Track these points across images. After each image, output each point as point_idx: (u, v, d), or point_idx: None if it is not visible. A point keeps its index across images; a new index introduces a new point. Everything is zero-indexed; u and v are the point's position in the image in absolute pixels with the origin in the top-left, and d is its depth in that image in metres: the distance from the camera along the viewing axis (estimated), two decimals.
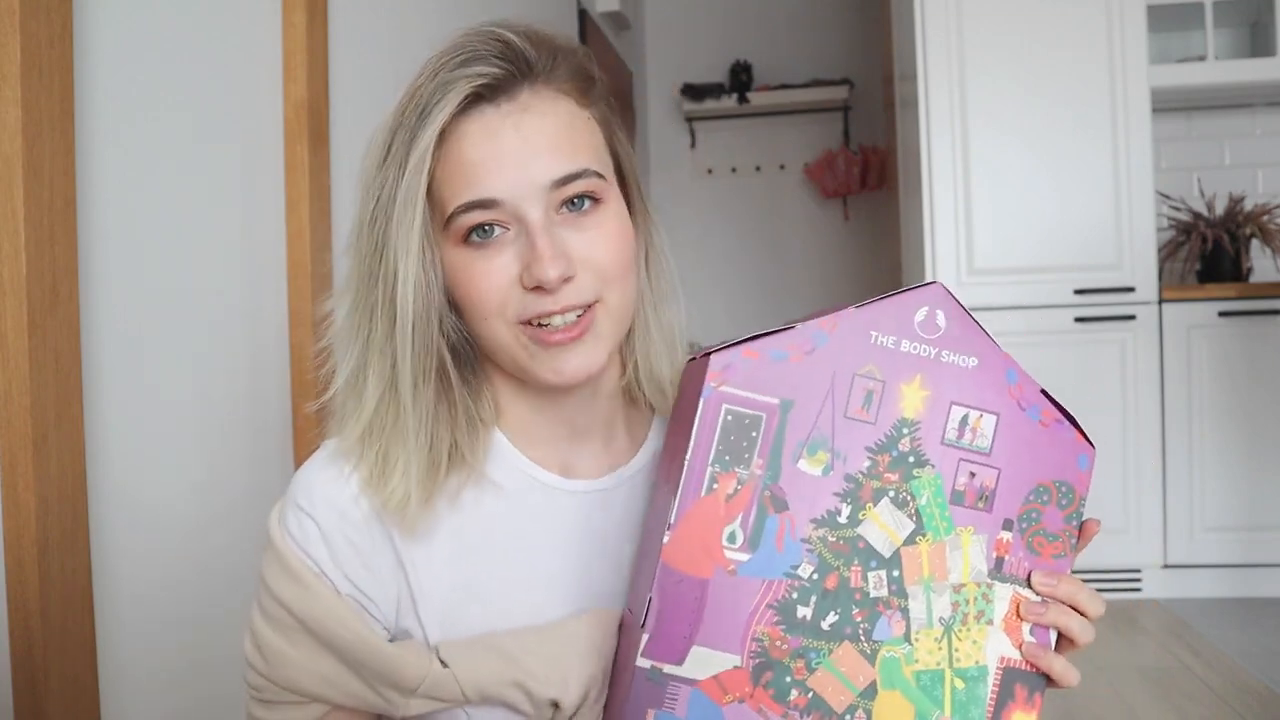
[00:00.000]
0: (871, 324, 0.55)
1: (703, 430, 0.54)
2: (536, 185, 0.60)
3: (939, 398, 0.56)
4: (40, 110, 0.89)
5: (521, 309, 0.61)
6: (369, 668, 0.62)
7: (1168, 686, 2.01)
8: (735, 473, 0.54)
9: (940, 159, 2.69)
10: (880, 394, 0.55)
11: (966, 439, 0.56)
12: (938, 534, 0.56)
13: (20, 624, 0.89)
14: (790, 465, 0.54)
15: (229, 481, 1.22)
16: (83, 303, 0.96)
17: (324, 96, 1.40)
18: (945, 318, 0.56)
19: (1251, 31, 3.02)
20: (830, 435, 0.55)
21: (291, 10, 1.35)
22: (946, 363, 0.56)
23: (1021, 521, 0.56)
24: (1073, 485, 0.57)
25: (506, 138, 0.60)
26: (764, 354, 0.55)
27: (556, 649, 0.63)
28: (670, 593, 0.54)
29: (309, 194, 1.36)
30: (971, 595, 0.56)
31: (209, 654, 1.14)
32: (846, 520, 0.55)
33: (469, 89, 0.60)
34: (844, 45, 4.07)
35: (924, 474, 0.56)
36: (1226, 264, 2.81)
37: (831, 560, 0.55)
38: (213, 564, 1.17)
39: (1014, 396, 0.56)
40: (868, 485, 0.55)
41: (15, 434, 0.88)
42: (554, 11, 2.88)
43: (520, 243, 0.61)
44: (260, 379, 1.30)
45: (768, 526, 0.54)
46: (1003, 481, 0.56)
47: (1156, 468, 2.62)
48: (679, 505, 0.54)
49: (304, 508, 0.64)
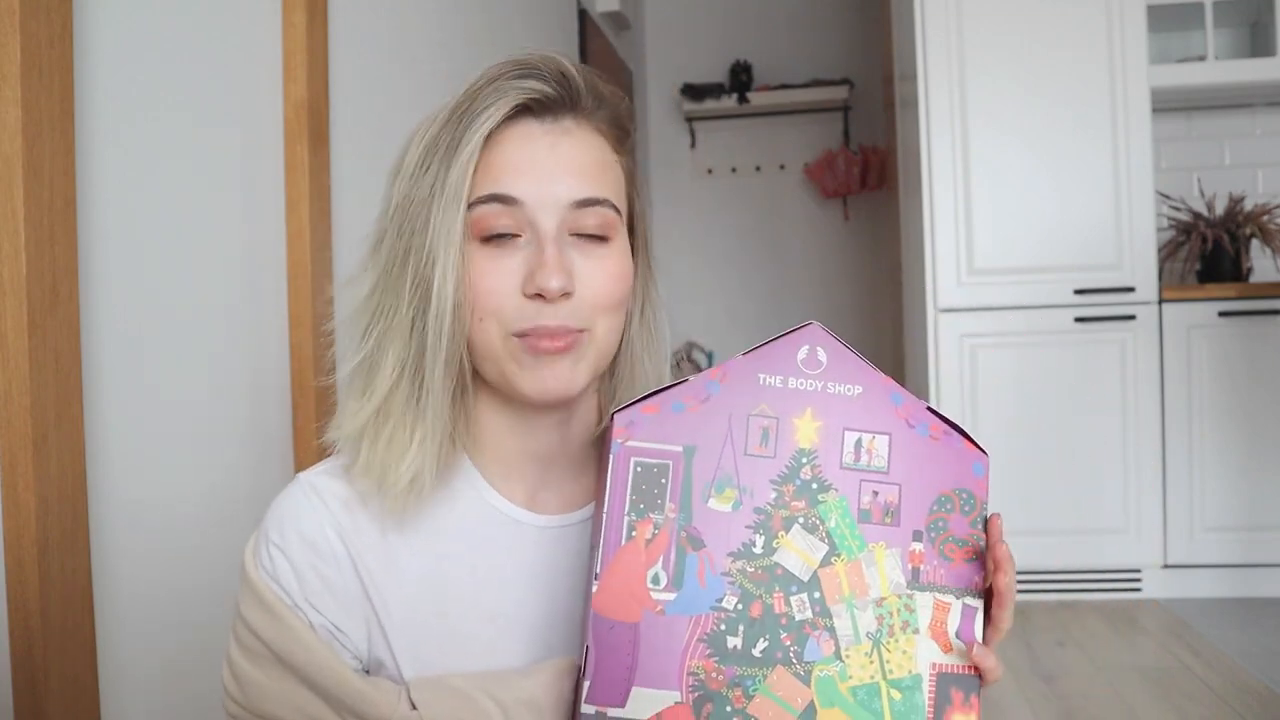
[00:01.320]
0: (758, 367, 0.59)
1: (615, 483, 0.58)
2: (559, 200, 0.63)
3: (831, 426, 0.59)
4: (40, 110, 0.89)
5: (519, 316, 0.62)
6: (341, 702, 0.63)
7: (1168, 686, 2.01)
8: (651, 518, 0.57)
9: (940, 159, 2.69)
10: (775, 429, 0.59)
11: (864, 460, 0.59)
12: (851, 553, 0.58)
13: (20, 624, 0.89)
14: (701, 505, 0.58)
15: (229, 481, 1.22)
16: (83, 303, 0.96)
17: (324, 96, 1.40)
18: (825, 353, 0.60)
19: (1251, 31, 3.02)
20: (735, 473, 0.58)
21: (291, 10, 1.35)
22: (833, 393, 0.60)
23: (930, 531, 0.59)
24: (972, 491, 0.60)
25: (541, 149, 0.63)
26: (663, 407, 0.59)
27: (526, 697, 0.63)
28: (605, 639, 0.56)
29: (309, 194, 1.36)
30: (894, 607, 0.58)
31: (209, 654, 1.14)
32: (762, 550, 0.58)
33: (521, 99, 0.63)
34: (844, 45, 4.07)
35: (829, 498, 0.59)
36: (1226, 264, 2.81)
37: (753, 590, 0.57)
38: (212, 563, 1.17)
39: (902, 416, 0.60)
40: (777, 515, 0.58)
41: (15, 434, 0.88)
42: (554, 11, 2.88)
43: (530, 251, 0.63)
44: (260, 378, 1.30)
45: (688, 565, 0.57)
46: (905, 496, 0.59)
47: (1156, 468, 2.62)
48: (602, 556, 0.57)
49: (275, 540, 0.65)
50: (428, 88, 1.87)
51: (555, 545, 0.69)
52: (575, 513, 0.70)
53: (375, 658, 0.67)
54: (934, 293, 2.70)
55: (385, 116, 1.65)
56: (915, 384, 2.95)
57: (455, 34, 2.04)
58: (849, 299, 4.09)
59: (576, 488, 0.72)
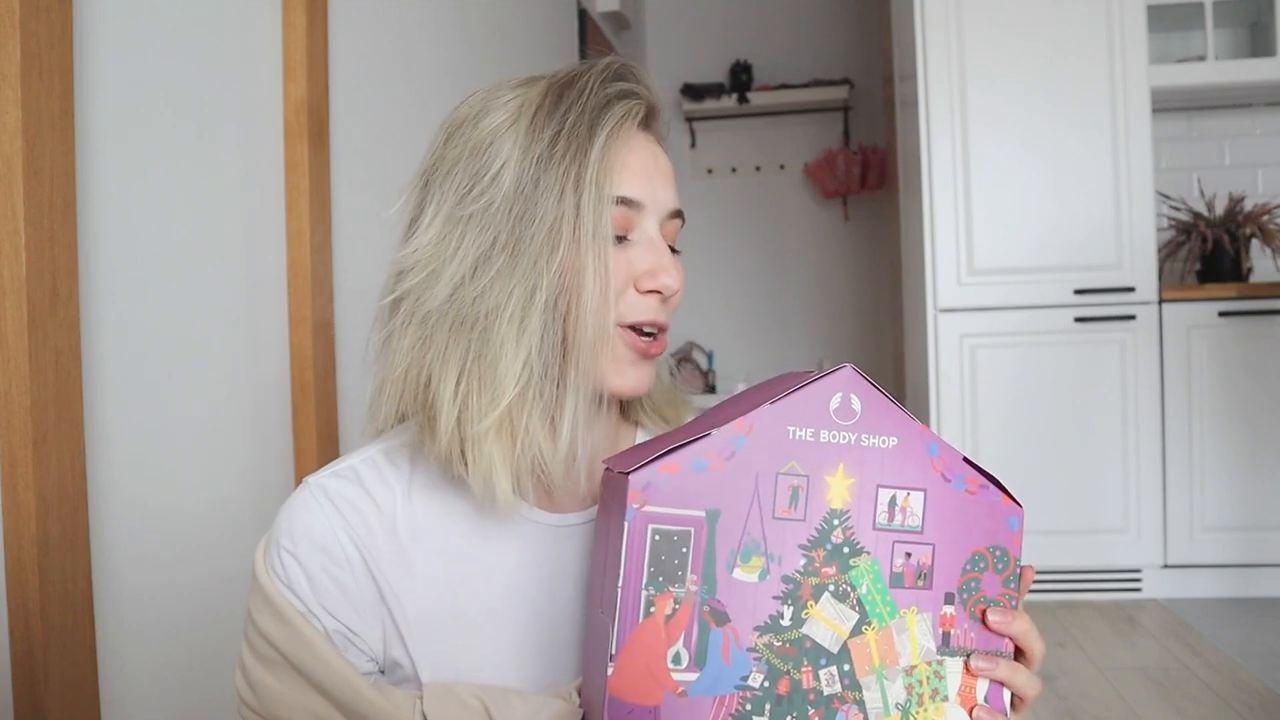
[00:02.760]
0: (787, 419, 0.55)
1: (631, 554, 0.52)
2: (663, 208, 0.67)
3: (865, 483, 0.55)
4: (40, 110, 0.89)
5: (629, 309, 0.64)
6: (355, 712, 0.63)
7: (1168, 686, 2.01)
8: (670, 592, 0.53)
9: (940, 159, 2.69)
10: (806, 489, 0.55)
11: (898, 520, 0.56)
12: (882, 620, 0.55)
13: (20, 624, 0.89)
14: (726, 576, 0.53)
15: (229, 481, 1.22)
16: (83, 303, 0.96)
17: (324, 96, 1.40)
18: (860, 401, 0.56)
19: (1251, 31, 3.02)
20: (762, 539, 0.54)
21: (291, 10, 1.35)
22: (867, 446, 0.55)
23: (962, 593, 0.57)
24: (1006, 548, 0.57)
25: (652, 158, 0.67)
26: (683, 466, 0.53)
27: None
28: None
29: (309, 194, 1.36)
30: (924, 675, 0.56)
31: (209, 654, 1.14)
32: (790, 622, 0.54)
33: (641, 107, 0.66)
34: (844, 45, 4.07)
35: (861, 562, 0.55)
36: (1226, 264, 2.81)
37: (780, 665, 0.54)
38: (212, 563, 1.17)
39: (938, 470, 0.56)
40: (806, 583, 0.54)
41: (15, 434, 0.88)
42: (554, 11, 2.88)
43: (638, 249, 0.65)
44: (260, 378, 1.30)
45: (711, 642, 0.53)
46: (939, 556, 0.56)
47: (1156, 468, 2.62)
48: (618, 635, 0.52)
49: (286, 546, 0.65)
50: (428, 88, 1.87)
51: (569, 544, 0.69)
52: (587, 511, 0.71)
53: (391, 658, 0.67)
54: (934, 293, 2.70)
55: (385, 116, 1.65)
56: (915, 384, 2.95)
57: (455, 34, 2.04)
58: (849, 299, 4.09)
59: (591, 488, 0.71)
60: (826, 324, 4.11)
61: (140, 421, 1.06)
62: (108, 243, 1.02)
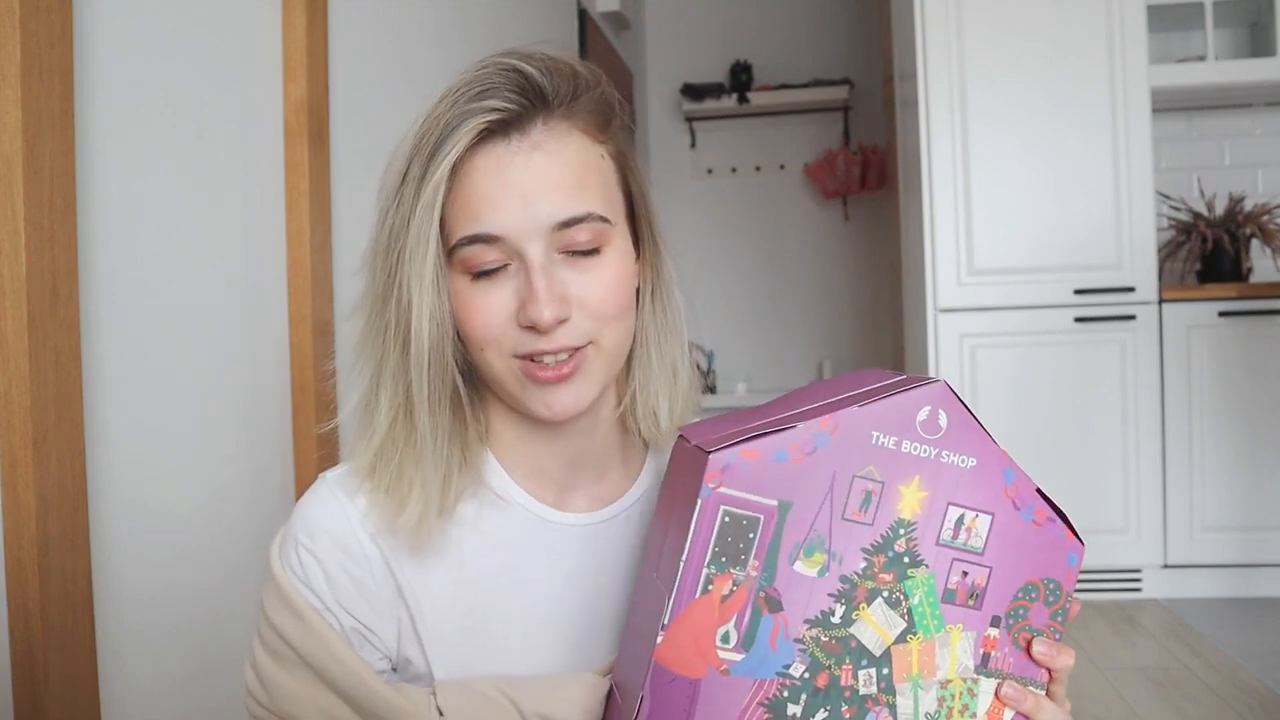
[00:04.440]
0: (874, 424, 0.55)
1: (699, 531, 0.53)
2: (540, 225, 0.60)
3: (936, 499, 0.56)
4: (40, 110, 0.89)
5: (517, 344, 0.62)
6: (369, 711, 0.62)
7: (1168, 686, 2.01)
8: (731, 574, 0.54)
9: (940, 159, 2.69)
10: (879, 495, 0.55)
11: (961, 539, 0.56)
12: (928, 632, 0.56)
13: (20, 624, 0.89)
14: (786, 567, 0.54)
15: (229, 481, 1.22)
16: (83, 303, 0.96)
17: (324, 96, 1.40)
18: (947, 417, 0.56)
19: (1251, 31, 3.02)
20: (827, 537, 0.55)
21: (291, 10, 1.35)
22: (946, 463, 0.56)
23: (1009, 618, 0.57)
24: (1060, 582, 0.58)
25: (514, 174, 0.60)
26: (764, 454, 0.54)
27: (549, 711, 0.63)
28: (662, 692, 0.54)
29: (309, 194, 1.36)
30: (957, 690, 0.57)
31: (209, 654, 1.14)
32: (840, 620, 0.55)
33: (481, 124, 0.60)
34: (844, 45, 4.07)
35: (918, 574, 0.56)
36: (1226, 264, 2.81)
37: (823, 659, 0.55)
38: (212, 564, 1.17)
39: (1010, 496, 0.57)
40: (862, 586, 0.55)
41: (15, 434, 0.88)
42: (554, 11, 2.88)
43: (519, 279, 0.61)
44: (260, 378, 1.30)
45: (762, 627, 0.54)
46: (993, 579, 0.57)
47: (1156, 468, 2.62)
48: (673, 606, 0.53)
49: (304, 542, 0.64)
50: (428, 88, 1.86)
51: (584, 544, 0.69)
52: (603, 510, 0.70)
53: (404, 655, 0.67)
54: (934, 293, 2.70)
55: (385, 116, 1.65)
56: None
57: (455, 34, 2.04)
58: (849, 299, 4.09)
59: (603, 486, 0.71)
60: (826, 324, 4.11)
61: (140, 421, 1.06)
62: (108, 243, 1.02)
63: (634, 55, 4.01)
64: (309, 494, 0.67)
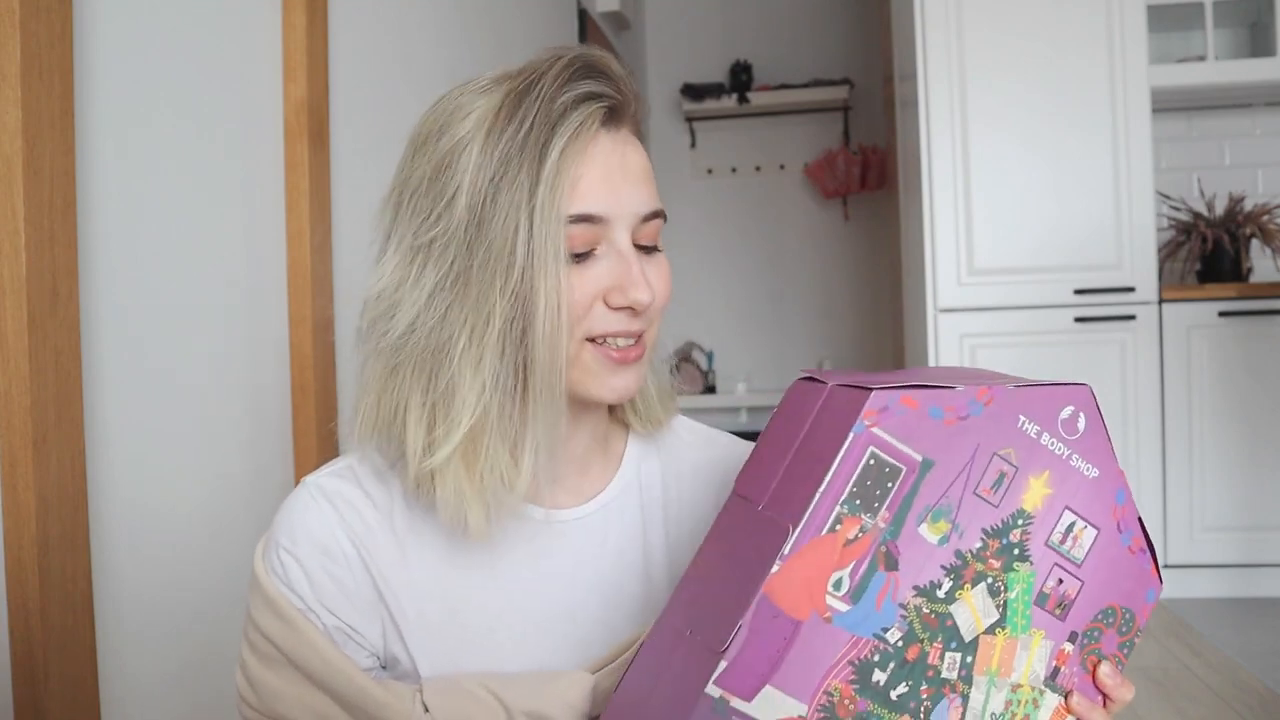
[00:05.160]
0: (1022, 408, 0.55)
1: (843, 467, 0.51)
2: (632, 214, 0.63)
3: (1057, 499, 0.57)
4: (40, 110, 0.89)
5: (598, 324, 0.63)
6: (356, 707, 0.63)
7: (1168, 686, 2.01)
8: (861, 519, 0.52)
9: (940, 159, 2.69)
10: (1011, 480, 0.56)
11: (1067, 546, 0.57)
12: (1015, 630, 0.57)
13: (20, 624, 0.89)
14: (913, 527, 0.53)
15: (229, 481, 1.22)
16: (83, 303, 0.96)
17: (324, 96, 1.40)
18: (1085, 422, 0.57)
19: (1251, 31, 3.02)
20: (956, 507, 0.54)
21: (291, 10, 1.35)
22: (1074, 467, 0.57)
23: (1084, 637, 0.58)
24: (1135, 614, 0.59)
25: (615, 163, 0.63)
26: (922, 406, 0.53)
27: (534, 709, 0.63)
28: (762, 626, 0.51)
29: (309, 194, 1.36)
30: (1025, 697, 0.57)
31: (209, 654, 1.14)
32: (944, 595, 0.55)
33: (601, 110, 0.62)
34: (844, 45, 4.07)
35: (1022, 569, 0.56)
36: (1226, 264, 2.81)
37: (919, 631, 0.54)
38: (212, 564, 1.17)
39: (1116, 517, 0.58)
40: (973, 566, 0.55)
41: (15, 434, 0.88)
42: (554, 11, 2.88)
43: (608, 262, 0.63)
44: (260, 378, 1.30)
45: (874, 582, 0.53)
46: (1082, 594, 0.58)
47: (1156, 468, 2.62)
48: (797, 537, 0.51)
49: (285, 545, 0.65)
50: (427, 88, 1.87)
51: (566, 539, 0.69)
52: (585, 505, 0.70)
53: (390, 654, 0.67)
54: (934, 293, 2.70)
55: (385, 116, 1.65)
56: None
57: (455, 34, 2.04)
58: (849, 299, 4.09)
59: (585, 479, 0.72)
60: (826, 324, 4.11)
61: (140, 421, 1.06)
62: (108, 243, 1.02)
63: (634, 55, 4.01)
64: (290, 498, 0.67)
